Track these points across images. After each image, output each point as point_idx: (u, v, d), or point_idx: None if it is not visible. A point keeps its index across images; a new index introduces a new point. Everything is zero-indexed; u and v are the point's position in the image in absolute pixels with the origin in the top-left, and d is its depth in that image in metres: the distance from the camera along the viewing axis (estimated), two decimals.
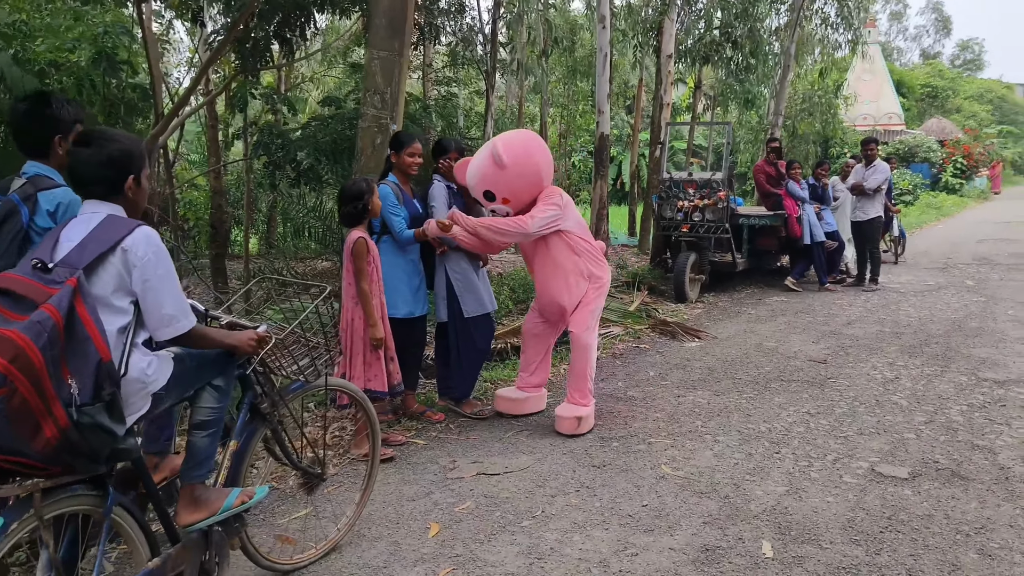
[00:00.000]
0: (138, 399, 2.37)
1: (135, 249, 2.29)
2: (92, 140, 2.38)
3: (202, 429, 2.71)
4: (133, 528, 2.47)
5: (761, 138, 17.82)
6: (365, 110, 5.37)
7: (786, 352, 7.16)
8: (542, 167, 4.85)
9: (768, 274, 11.59)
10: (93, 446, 2.14)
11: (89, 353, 2.11)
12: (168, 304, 2.35)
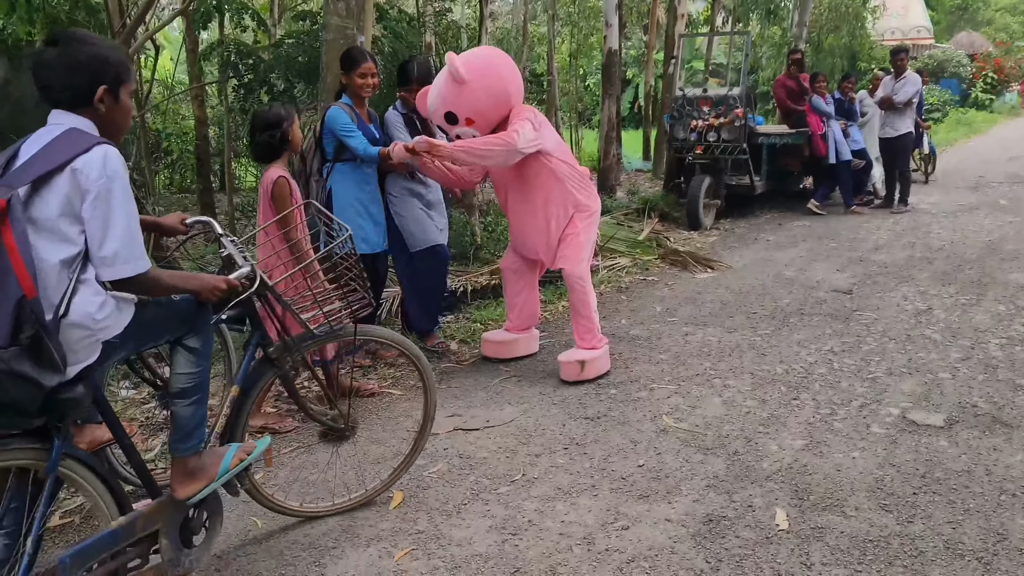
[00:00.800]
0: (82, 346, 2.01)
1: (87, 170, 1.94)
2: (60, 40, 2.04)
3: (183, 398, 2.36)
4: (92, 483, 2.17)
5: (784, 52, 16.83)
6: (328, 19, 4.75)
7: (807, 282, 6.58)
8: (508, 82, 4.26)
9: (790, 197, 10.88)
10: (13, 396, 1.84)
11: (9, 287, 1.81)
12: (115, 239, 1.97)
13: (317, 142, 4.59)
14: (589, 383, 4.39)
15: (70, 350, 1.97)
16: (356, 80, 4.47)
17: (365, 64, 4.50)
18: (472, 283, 6.40)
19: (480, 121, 4.28)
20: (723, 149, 9.21)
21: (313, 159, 4.61)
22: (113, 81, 2.08)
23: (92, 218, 1.96)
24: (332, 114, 4.45)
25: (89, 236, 1.98)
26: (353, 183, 4.55)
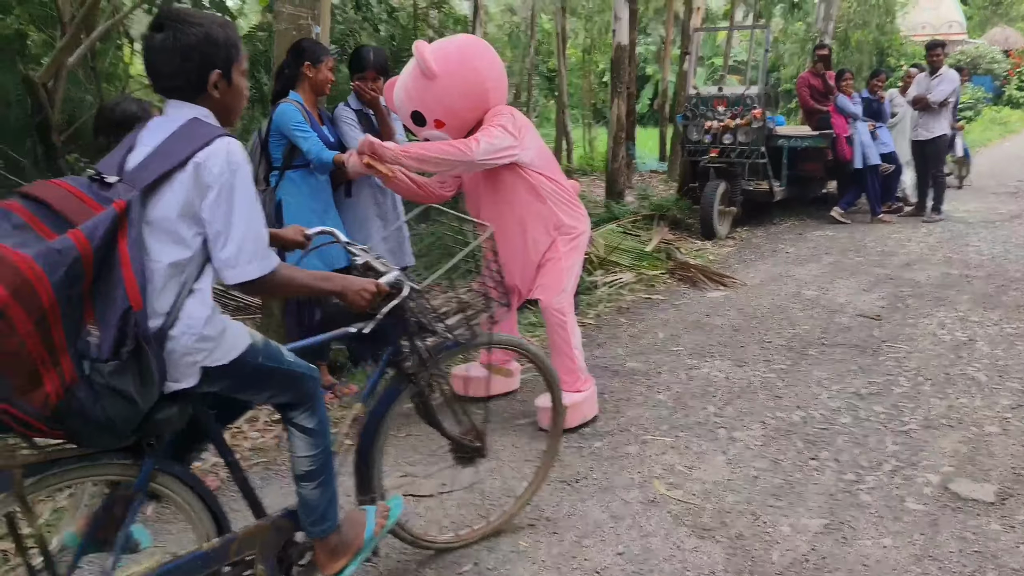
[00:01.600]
0: (183, 365, 1.83)
1: (210, 165, 1.78)
2: (165, 24, 1.84)
3: (308, 481, 2.18)
4: (190, 501, 2.05)
5: (808, 49, 16.05)
6: (280, 8, 4.13)
7: (830, 304, 5.89)
8: (486, 77, 3.60)
9: (812, 203, 10.18)
10: (108, 414, 1.69)
11: (116, 298, 1.67)
12: (238, 238, 1.80)
13: (263, 145, 4.00)
14: (571, 432, 3.74)
15: (170, 366, 1.81)
16: (326, 74, 3.94)
17: (331, 57, 3.95)
18: None
19: (452, 123, 3.65)
20: (740, 152, 8.52)
21: (259, 166, 4.02)
22: (225, 63, 1.89)
23: (213, 217, 1.79)
24: (282, 111, 3.87)
25: (210, 236, 1.81)
26: (306, 193, 3.98)
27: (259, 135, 4.03)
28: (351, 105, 4.24)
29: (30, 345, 1.58)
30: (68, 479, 1.87)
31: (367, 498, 2.53)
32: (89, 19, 5.61)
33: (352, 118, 4.19)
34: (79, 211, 1.68)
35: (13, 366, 1.59)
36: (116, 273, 1.67)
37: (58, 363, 1.63)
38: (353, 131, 4.15)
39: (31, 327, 1.57)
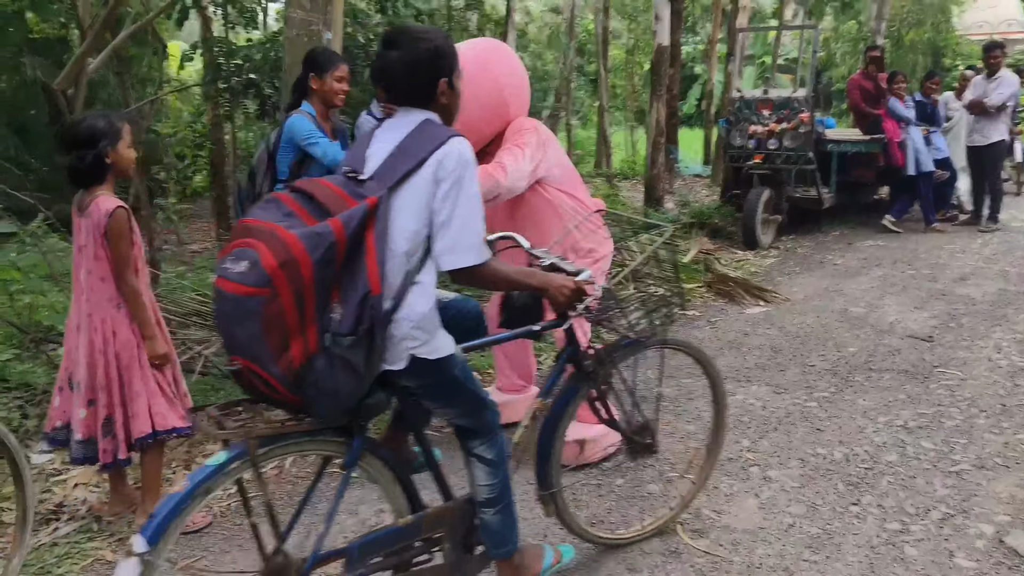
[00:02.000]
0: (398, 348, 2.02)
1: (446, 162, 2.00)
2: (398, 41, 2.08)
3: (489, 507, 2.33)
4: (388, 480, 2.26)
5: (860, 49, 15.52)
6: (291, 13, 3.97)
7: (879, 323, 5.54)
8: (505, 87, 3.36)
9: (862, 210, 9.75)
10: (336, 383, 1.90)
11: (359, 282, 1.88)
12: (457, 228, 2.00)
13: (270, 158, 3.83)
14: (590, 468, 3.50)
15: (388, 347, 2.00)
16: (333, 84, 3.74)
17: (342, 65, 3.78)
18: None
19: (468, 136, 3.43)
20: (785, 158, 8.16)
21: (264, 179, 3.86)
22: (449, 71, 2.12)
23: (441, 207, 2.00)
24: (293, 123, 3.71)
25: (435, 225, 2.01)
26: None
27: (266, 146, 3.87)
28: (374, 114, 4.06)
29: (288, 313, 1.81)
30: (291, 451, 2.13)
31: (546, 493, 2.63)
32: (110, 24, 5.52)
33: (375, 127, 4.00)
34: (337, 204, 1.91)
35: (271, 329, 1.81)
36: (361, 260, 1.88)
37: (305, 332, 1.84)
38: None
39: (291, 297, 1.81)
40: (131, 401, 2.92)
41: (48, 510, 3.29)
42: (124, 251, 2.84)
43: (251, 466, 1.96)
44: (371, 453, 2.20)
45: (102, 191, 2.88)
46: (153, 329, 2.92)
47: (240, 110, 5.69)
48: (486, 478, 2.30)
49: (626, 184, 14.05)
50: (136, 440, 2.92)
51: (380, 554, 2.22)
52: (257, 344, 1.82)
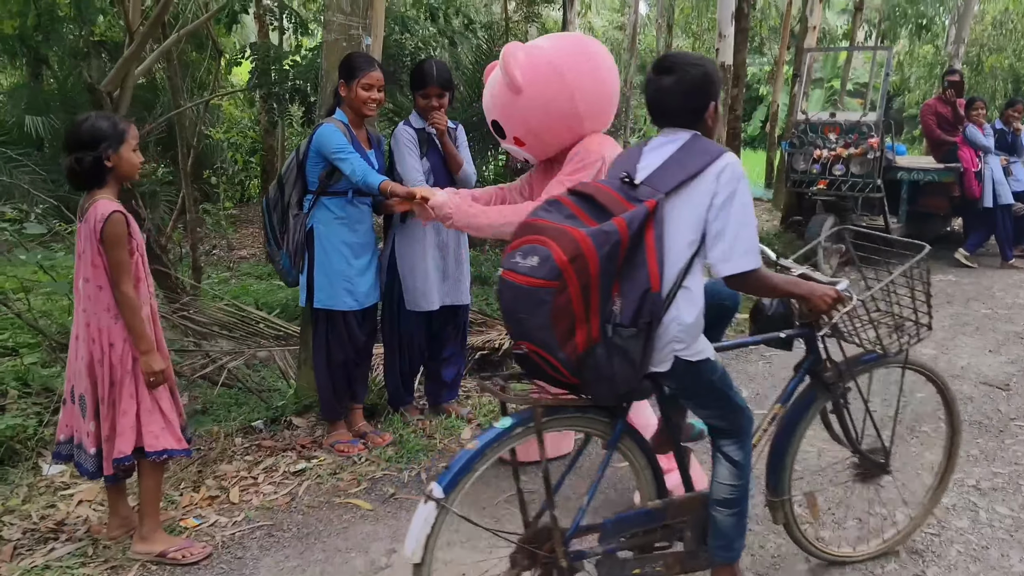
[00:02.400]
0: (662, 347, 2.16)
1: (721, 176, 2.12)
2: (673, 67, 2.22)
3: (725, 507, 2.39)
4: (642, 464, 2.41)
5: (936, 73, 14.91)
6: (330, 16, 3.78)
7: (950, 367, 5.11)
8: (579, 99, 3.02)
9: (932, 241, 9.19)
10: (614, 370, 2.07)
11: (639, 278, 2.04)
12: (737, 237, 2.12)
13: (299, 167, 3.64)
14: None
15: (656, 347, 2.13)
16: (359, 92, 3.53)
17: (372, 72, 3.54)
18: None
19: (532, 144, 3.17)
20: (852, 185, 7.74)
21: (293, 188, 3.67)
22: (716, 95, 2.27)
23: (716, 218, 2.12)
24: (323, 132, 3.51)
25: (709, 235, 2.13)
26: (342, 223, 3.61)
27: (296, 155, 3.69)
28: (412, 124, 3.85)
29: (575, 303, 1.99)
30: (563, 425, 2.27)
31: (777, 500, 2.67)
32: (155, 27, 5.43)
33: (411, 139, 3.80)
34: (616, 205, 2.07)
35: (559, 318, 1.99)
36: (641, 258, 2.03)
37: (589, 322, 2.02)
38: (411, 156, 3.76)
39: (578, 289, 1.98)
40: (118, 418, 2.74)
41: (48, 528, 3.13)
42: (120, 258, 2.67)
43: (535, 432, 2.14)
44: (629, 436, 2.35)
45: (103, 195, 2.72)
46: (149, 343, 2.73)
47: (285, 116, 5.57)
48: (729, 478, 2.37)
49: None
50: (115, 460, 2.74)
51: (629, 533, 2.36)
52: (545, 331, 2.01)
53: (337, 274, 3.60)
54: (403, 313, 3.90)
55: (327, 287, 3.60)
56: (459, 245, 4.00)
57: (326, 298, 3.61)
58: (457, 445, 3.86)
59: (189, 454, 2.96)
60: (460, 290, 4.04)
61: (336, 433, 3.81)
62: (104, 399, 2.74)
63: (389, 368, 4.07)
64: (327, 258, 3.59)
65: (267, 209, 3.77)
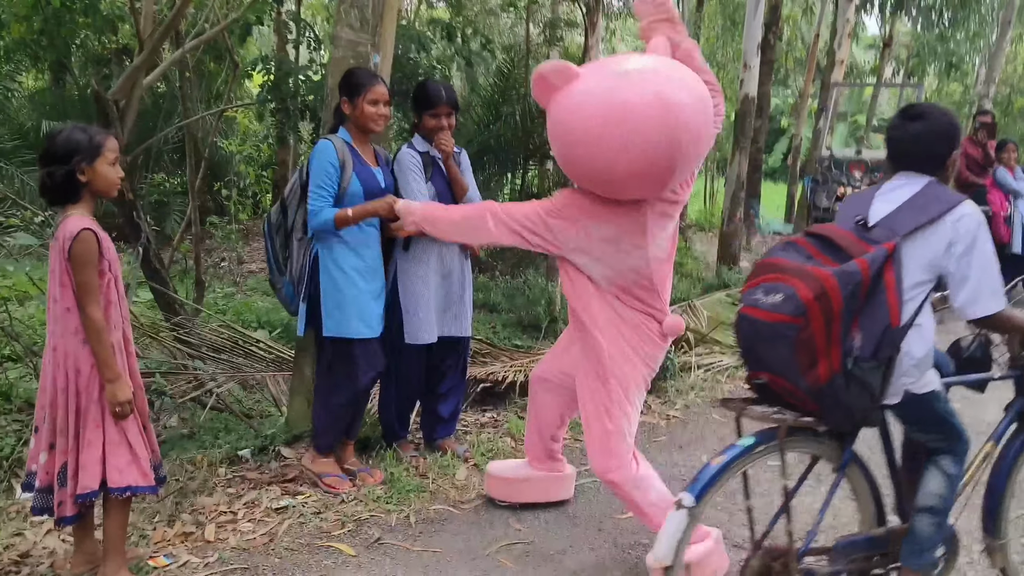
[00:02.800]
0: (898, 385, 2.29)
1: (959, 225, 2.25)
2: (924, 114, 2.37)
3: (928, 514, 2.45)
4: (865, 491, 2.50)
5: (965, 113, 14.66)
6: (339, 32, 3.63)
7: (975, 424, 4.84)
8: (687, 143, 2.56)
9: None
10: (852, 400, 2.21)
11: (880, 315, 2.17)
12: (982, 281, 2.24)
13: (303, 188, 3.48)
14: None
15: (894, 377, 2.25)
16: (365, 108, 3.38)
17: (377, 88, 3.40)
18: (526, 371, 5.07)
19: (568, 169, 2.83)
20: None
21: (297, 211, 3.50)
22: (958, 145, 2.42)
23: (958, 266, 2.25)
24: (315, 151, 3.36)
25: (952, 281, 2.27)
26: (347, 247, 3.41)
27: (299, 176, 3.52)
28: (416, 147, 3.68)
29: (817, 337, 2.14)
30: (799, 446, 2.38)
31: (992, 541, 2.67)
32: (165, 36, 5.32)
33: (416, 163, 3.63)
34: (852, 247, 2.23)
35: (802, 351, 2.15)
36: (881, 296, 2.17)
37: (830, 355, 2.15)
38: (416, 181, 3.60)
39: (821, 324, 2.13)
40: (82, 450, 2.56)
41: (11, 560, 2.94)
42: (88, 279, 2.50)
43: (778, 451, 2.28)
44: (855, 462, 2.45)
45: (75, 211, 2.56)
46: (115, 372, 2.55)
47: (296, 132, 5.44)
48: (939, 488, 2.44)
49: (701, 236, 13.48)
50: (79, 496, 2.55)
51: (853, 557, 2.46)
52: (788, 363, 2.19)
53: (348, 300, 3.39)
54: (401, 345, 3.71)
55: (336, 314, 3.39)
56: (463, 274, 3.82)
57: (335, 326, 3.38)
58: (451, 486, 3.66)
59: (156, 491, 2.77)
60: (462, 322, 3.85)
61: (325, 465, 3.60)
62: (68, 430, 2.57)
63: (384, 402, 3.88)
64: (334, 284, 3.39)
65: (269, 233, 3.60)
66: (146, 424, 2.74)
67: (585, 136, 2.57)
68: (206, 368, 4.33)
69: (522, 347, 5.90)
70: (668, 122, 2.49)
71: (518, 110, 7.98)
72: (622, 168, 2.55)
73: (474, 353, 5.34)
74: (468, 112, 8.36)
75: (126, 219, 5.08)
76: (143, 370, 4.01)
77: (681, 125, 2.51)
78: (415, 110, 3.67)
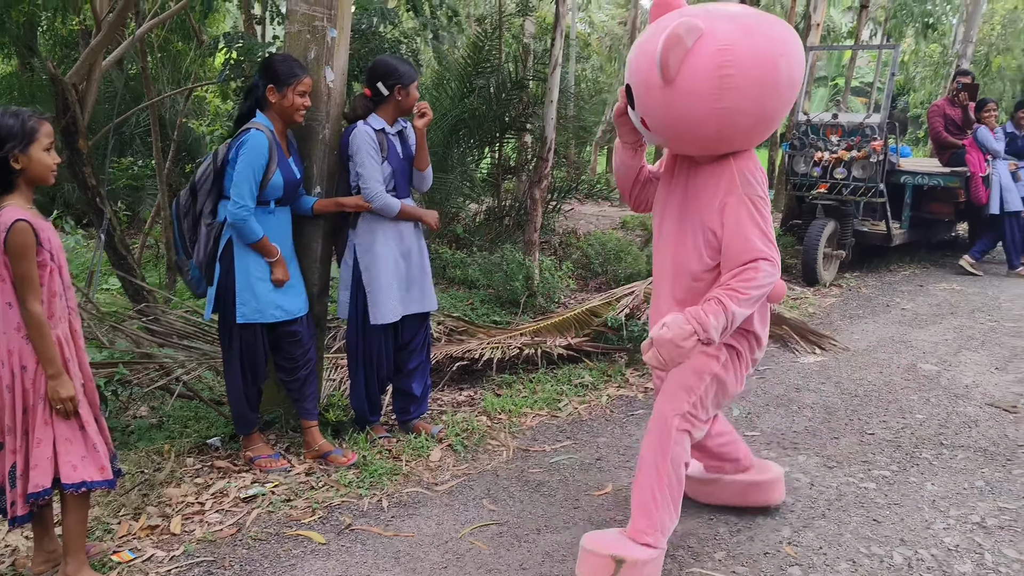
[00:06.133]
0: None
1: None
2: None
3: None
4: None
5: (943, 74, 14.60)
6: (292, 5, 3.51)
7: (952, 385, 4.85)
8: (742, 115, 2.47)
9: (936, 247, 8.98)
10: None
11: None
12: None
13: (217, 175, 3.37)
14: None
15: None
16: (295, 100, 3.32)
17: (306, 78, 3.38)
18: (503, 348, 5.01)
19: (665, 135, 2.68)
20: (853, 189, 7.46)
21: (208, 196, 3.40)
22: None
23: None
24: (251, 147, 3.25)
25: None
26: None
27: (214, 159, 3.41)
28: (372, 124, 3.58)
29: None
30: None
31: None
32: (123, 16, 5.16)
33: (373, 142, 3.52)
34: None
35: None
36: None
37: None
38: (372, 161, 3.50)
39: None
40: (32, 448, 2.48)
41: None
42: (26, 271, 2.40)
43: None
44: None
45: (10, 201, 2.45)
46: (57, 367, 2.46)
47: None
48: None
49: None
50: (30, 495, 2.48)
51: None
52: None
53: (262, 285, 3.34)
54: (367, 328, 3.64)
55: (251, 300, 3.33)
56: (421, 250, 3.78)
57: (251, 312, 3.34)
58: (425, 468, 3.61)
59: (112, 486, 2.69)
60: (426, 295, 3.80)
61: (255, 447, 3.58)
62: (16, 429, 2.48)
63: (354, 386, 3.81)
64: (247, 272, 3.32)
65: (176, 216, 3.50)
66: (97, 417, 2.66)
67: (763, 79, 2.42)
68: (175, 356, 4.24)
69: (500, 323, 5.84)
70: (800, 54, 2.52)
71: (493, 82, 7.85)
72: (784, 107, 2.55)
73: (450, 331, 5.28)
74: (442, 86, 8.22)
75: (89, 204, 4.97)
76: (107, 360, 3.96)
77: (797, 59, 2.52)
78: (386, 85, 3.55)
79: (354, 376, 3.79)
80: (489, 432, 4.01)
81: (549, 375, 4.84)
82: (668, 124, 2.58)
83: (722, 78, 2.37)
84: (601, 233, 8.32)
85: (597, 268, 7.36)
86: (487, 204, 8.86)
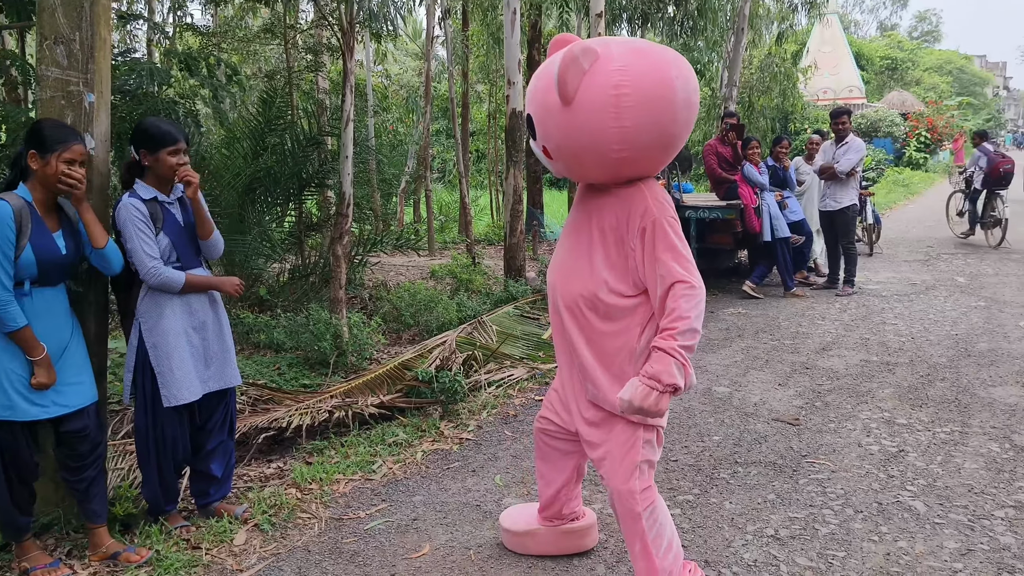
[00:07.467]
0: None
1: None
2: None
3: None
4: None
5: (714, 114, 15.91)
6: (44, 71, 3.25)
7: (743, 405, 5.19)
8: (636, 138, 2.52)
9: (722, 275, 9.68)
10: None
11: None
12: None
13: None
14: None
15: None
16: (57, 167, 3.00)
17: (76, 145, 3.08)
18: (313, 413, 4.83)
19: (566, 164, 2.70)
20: None
21: None
22: None
23: None
24: None
25: None
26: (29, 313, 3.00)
27: None
28: (141, 195, 3.33)
29: None
30: None
31: None
32: None
33: (141, 215, 3.26)
34: None
35: None
36: None
37: None
38: (142, 236, 3.23)
39: None
40: None
41: None
42: None
43: None
44: None
45: None
46: None
47: None
48: None
49: (490, 251, 13.67)
50: None
51: None
52: None
53: (14, 376, 2.96)
54: (159, 411, 3.37)
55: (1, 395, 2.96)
56: (219, 323, 3.54)
57: (1, 409, 2.96)
58: (229, 554, 3.37)
59: None
60: (227, 371, 3.57)
61: (29, 556, 3.15)
62: None
63: (146, 475, 3.50)
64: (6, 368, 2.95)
65: None
66: None
67: (659, 96, 2.48)
68: None
69: (310, 386, 5.65)
70: (693, 79, 2.62)
71: (288, 139, 7.69)
72: (683, 129, 2.61)
73: (254, 400, 5.03)
74: (234, 145, 7.93)
75: None
76: None
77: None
78: (146, 151, 3.33)
79: (145, 464, 3.49)
80: (299, 505, 3.82)
81: (362, 436, 4.71)
82: (569, 148, 2.60)
83: (619, 96, 2.44)
84: (411, 284, 8.29)
85: (408, 320, 7.32)
86: (291, 263, 8.61)
